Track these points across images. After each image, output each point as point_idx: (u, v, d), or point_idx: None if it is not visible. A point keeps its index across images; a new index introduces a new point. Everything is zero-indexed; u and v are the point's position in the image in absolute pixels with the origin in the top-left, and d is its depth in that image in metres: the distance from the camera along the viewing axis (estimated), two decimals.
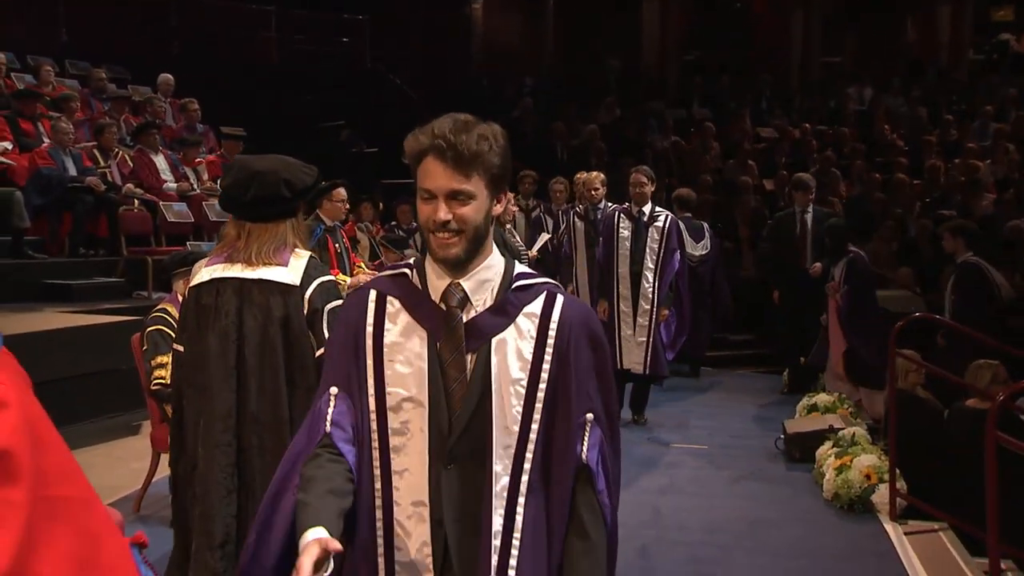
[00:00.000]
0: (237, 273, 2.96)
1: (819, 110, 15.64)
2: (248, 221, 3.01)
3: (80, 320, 7.31)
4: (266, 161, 3.06)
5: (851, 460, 5.55)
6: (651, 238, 7.02)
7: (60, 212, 8.73)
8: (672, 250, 7.05)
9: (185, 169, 9.93)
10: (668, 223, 7.09)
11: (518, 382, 1.90)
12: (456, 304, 1.90)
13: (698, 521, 5.32)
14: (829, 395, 7.33)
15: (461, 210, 1.82)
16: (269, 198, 2.96)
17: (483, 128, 1.83)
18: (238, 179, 3.00)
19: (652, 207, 7.16)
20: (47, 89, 10.38)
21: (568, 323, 1.93)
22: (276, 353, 2.91)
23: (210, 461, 2.88)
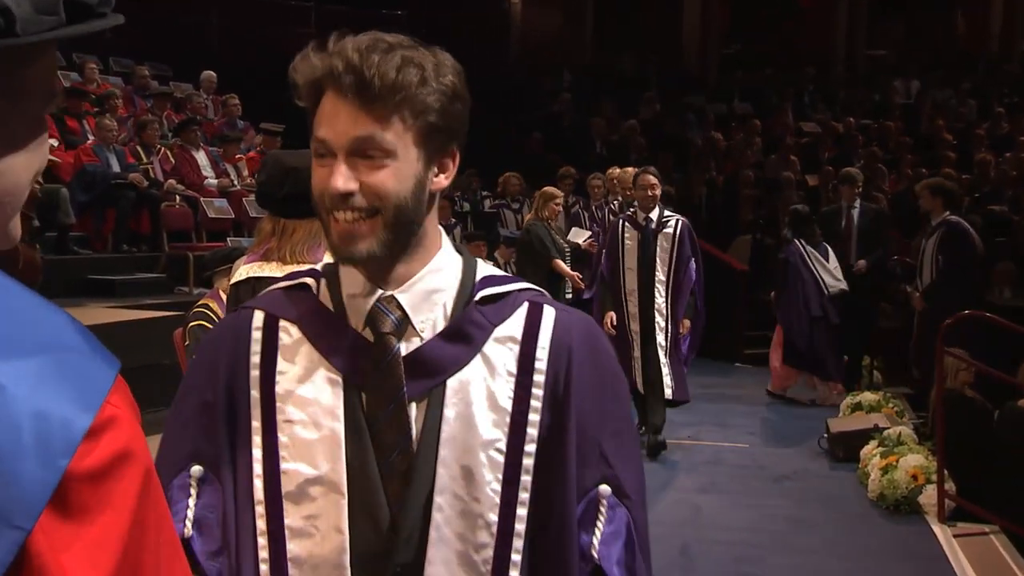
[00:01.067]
0: (272, 272, 2.91)
1: (864, 104, 15.38)
2: (282, 217, 3.01)
3: (122, 315, 7.39)
4: (300, 156, 3.05)
5: (897, 460, 5.45)
6: (660, 247, 6.28)
7: (104, 208, 8.84)
8: (687, 258, 6.31)
9: (226, 165, 10.02)
10: (680, 228, 6.33)
11: (493, 445, 1.22)
12: (390, 329, 1.23)
13: (740, 520, 5.25)
14: (874, 394, 7.22)
15: (374, 176, 1.17)
16: (303, 195, 2.95)
17: (415, 52, 1.18)
18: (272, 175, 2.99)
19: (661, 212, 6.41)
20: (91, 87, 10.53)
21: (565, 347, 1.26)
22: None
23: None
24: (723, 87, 16.45)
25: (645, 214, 6.40)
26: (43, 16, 0.74)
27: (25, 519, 0.61)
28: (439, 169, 1.24)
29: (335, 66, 1.16)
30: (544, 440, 1.23)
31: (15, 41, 0.72)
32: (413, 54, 1.18)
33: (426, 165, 1.21)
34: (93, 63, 10.98)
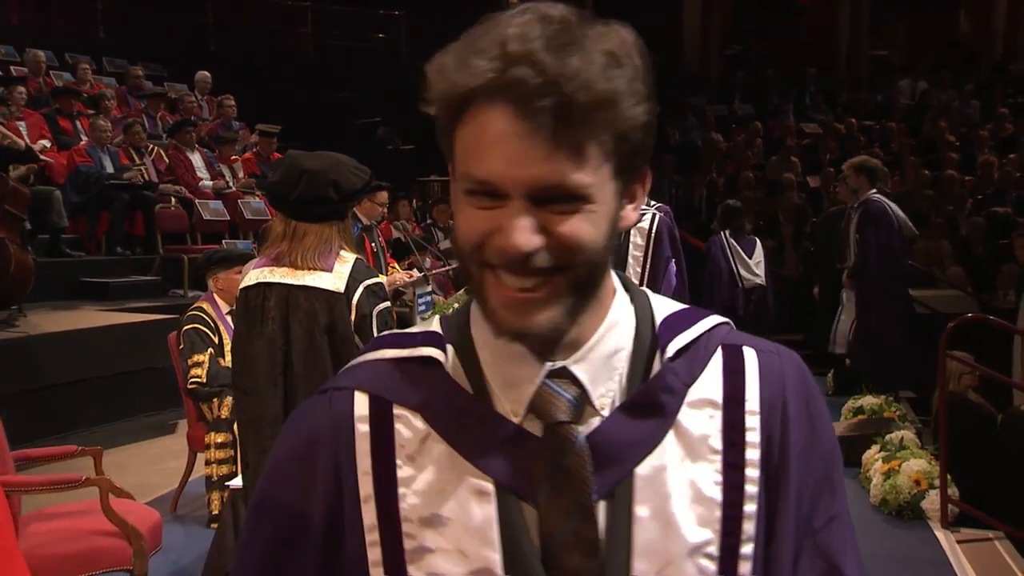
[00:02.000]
0: (282, 278, 2.95)
1: (866, 105, 15.31)
2: (293, 220, 2.97)
3: (116, 319, 7.37)
4: (317, 159, 3.00)
5: (899, 465, 5.38)
6: (633, 244, 5.16)
7: (97, 210, 8.79)
8: (665, 259, 5.16)
9: (220, 166, 9.95)
10: (656, 224, 5.13)
11: (702, 550, 0.91)
12: (567, 416, 0.90)
13: None
14: (876, 398, 7.14)
15: (565, 226, 0.84)
16: (315, 199, 2.92)
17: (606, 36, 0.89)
18: (286, 176, 2.96)
19: None
20: (85, 87, 10.48)
21: (778, 405, 0.95)
22: (323, 359, 2.91)
23: (260, 466, 2.89)
24: (724, 88, 16.39)
25: None
26: None
27: None
28: (629, 199, 0.92)
29: (517, 75, 0.81)
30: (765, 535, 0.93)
31: None
32: (607, 42, 0.87)
33: (620, 199, 0.89)
34: (86, 63, 10.94)
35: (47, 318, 7.08)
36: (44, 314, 7.21)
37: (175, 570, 4.32)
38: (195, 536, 4.69)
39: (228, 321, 5.10)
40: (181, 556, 4.46)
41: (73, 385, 6.55)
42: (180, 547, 4.53)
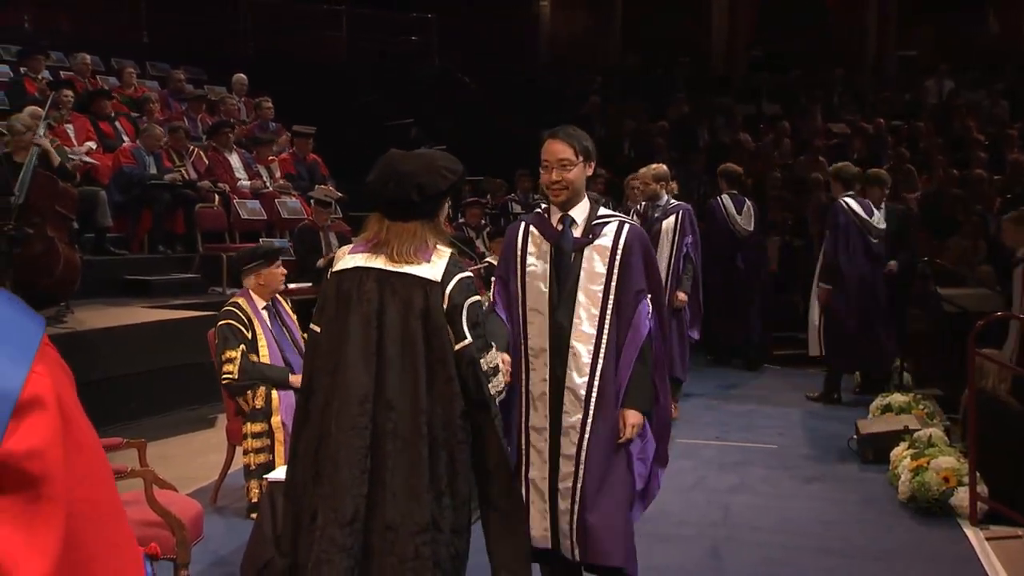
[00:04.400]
0: (380, 265, 3.00)
1: (894, 105, 15.27)
2: (387, 219, 3.05)
3: (158, 315, 7.52)
4: (411, 161, 3.06)
5: (928, 462, 5.42)
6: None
7: (140, 210, 8.98)
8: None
9: (258, 167, 10.13)
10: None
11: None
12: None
13: (770, 521, 5.25)
14: (904, 395, 7.18)
15: None
16: (399, 201, 3.01)
17: None
18: (380, 176, 3.03)
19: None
20: (129, 90, 10.71)
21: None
22: (416, 344, 2.94)
23: (344, 441, 2.91)
24: (751, 88, 16.41)
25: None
26: None
27: None
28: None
29: None
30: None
31: None
32: None
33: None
34: (131, 67, 11.18)
35: (93, 314, 7.24)
36: (90, 311, 7.36)
37: (216, 559, 4.42)
38: (235, 526, 4.79)
39: (263, 316, 5.20)
40: (221, 546, 4.55)
41: (118, 379, 6.70)
42: (221, 537, 4.62)
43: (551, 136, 3.36)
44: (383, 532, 2.90)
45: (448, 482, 2.97)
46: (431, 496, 2.93)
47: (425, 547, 2.90)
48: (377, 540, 2.87)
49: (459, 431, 2.98)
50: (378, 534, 2.87)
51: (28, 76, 9.88)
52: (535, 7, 18.01)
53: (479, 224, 10.20)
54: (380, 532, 2.89)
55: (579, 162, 3.36)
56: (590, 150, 3.40)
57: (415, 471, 2.92)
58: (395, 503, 2.91)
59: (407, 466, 2.92)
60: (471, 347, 2.97)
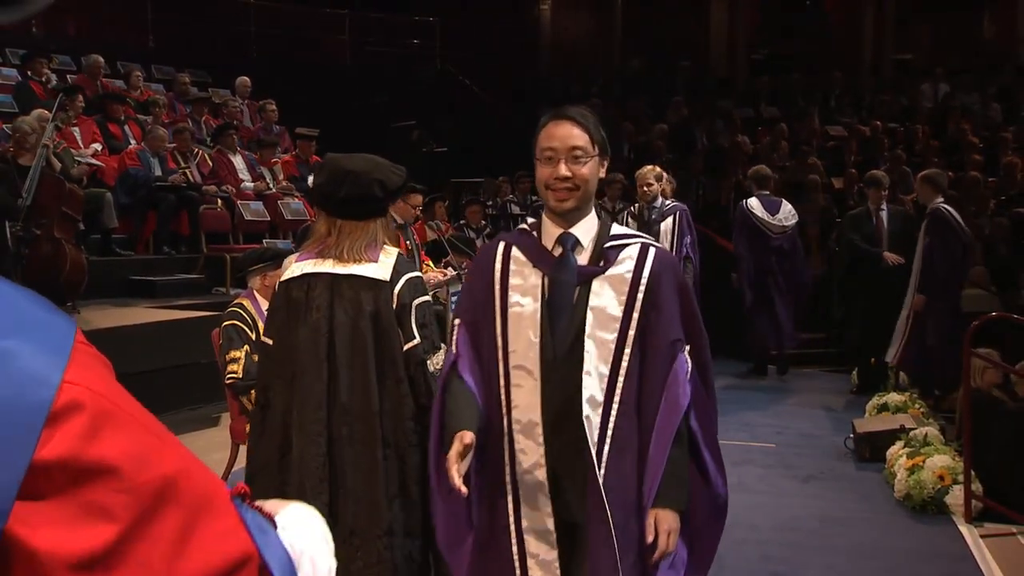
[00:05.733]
0: (328, 269, 3.01)
1: (891, 108, 15.36)
2: (339, 218, 3.07)
3: (162, 315, 7.56)
4: (357, 161, 3.09)
5: (923, 460, 5.49)
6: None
7: (145, 211, 9.04)
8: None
9: (261, 169, 10.20)
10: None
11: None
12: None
13: (768, 519, 5.31)
14: (900, 395, 7.26)
15: None
16: (362, 197, 3.03)
17: None
18: (332, 177, 3.04)
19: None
20: (135, 93, 10.77)
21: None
22: (366, 346, 2.95)
23: (304, 451, 2.94)
24: (750, 91, 16.48)
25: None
26: None
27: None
28: None
29: None
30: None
31: None
32: None
33: None
34: (138, 71, 11.25)
35: (99, 315, 7.29)
36: (96, 311, 7.41)
37: None
38: None
39: None
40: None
41: (123, 379, 6.55)
42: None
43: (558, 117, 2.36)
44: (348, 538, 2.92)
45: (400, 485, 2.98)
46: (387, 500, 2.94)
47: (386, 551, 2.93)
48: (342, 547, 2.86)
49: (410, 433, 2.98)
50: (342, 541, 2.87)
51: (33, 79, 9.94)
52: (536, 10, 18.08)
53: (480, 224, 10.27)
54: (344, 539, 2.89)
55: (595, 154, 2.35)
56: (607, 141, 2.42)
57: (373, 475, 2.93)
58: (356, 509, 2.92)
59: (365, 470, 2.93)
60: (419, 347, 2.98)
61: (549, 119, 2.38)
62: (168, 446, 0.74)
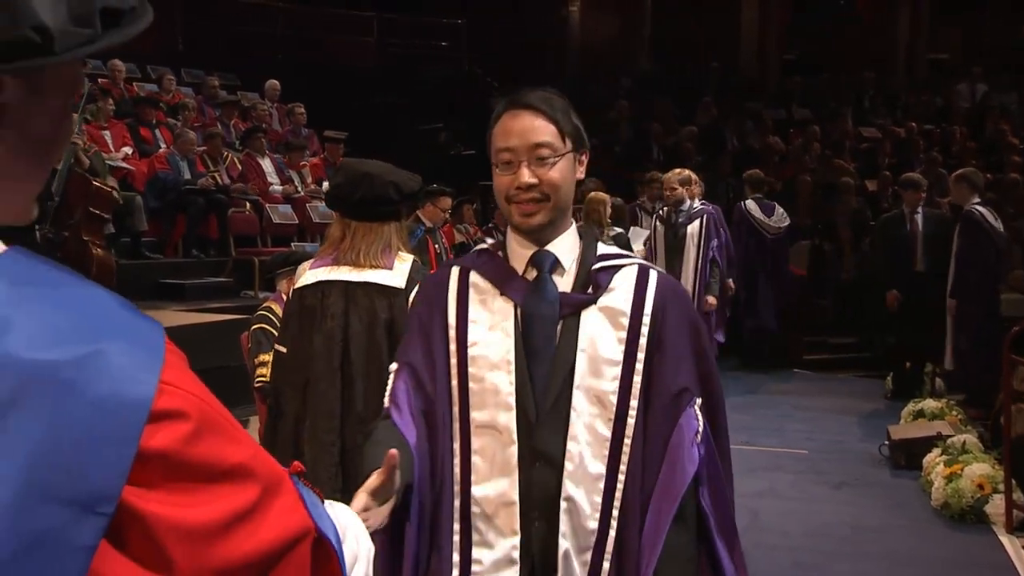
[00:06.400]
0: (343, 276, 2.99)
1: (926, 108, 15.14)
2: (354, 220, 3.05)
3: (191, 319, 7.59)
4: (374, 164, 3.11)
5: (962, 469, 5.38)
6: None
7: (174, 214, 9.11)
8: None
9: (290, 172, 10.24)
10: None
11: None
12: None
13: (800, 526, 5.24)
14: (936, 401, 7.13)
15: None
16: (378, 199, 3.02)
17: None
18: (349, 178, 3.04)
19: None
20: (167, 97, 10.87)
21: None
22: (382, 354, 2.93)
23: (317, 460, 2.92)
24: (781, 92, 16.33)
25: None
26: (80, 28, 0.75)
27: (105, 505, 0.67)
28: None
29: None
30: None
31: (52, 59, 0.73)
32: None
33: None
34: (170, 74, 11.36)
35: None
36: None
37: None
38: None
39: None
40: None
41: None
42: None
43: (513, 106, 1.82)
44: None
45: None
46: None
47: None
48: None
49: None
50: None
51: None
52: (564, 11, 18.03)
53: None
54: None
55: (567, 151, 1.80)
56: (582, 134, 1.86)
57: None
58: None
59: None
60: None
61: (503, 109, 1.83)
62: (242, 431, 0.82)
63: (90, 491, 0.66)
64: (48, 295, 0.71)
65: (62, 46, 0.73)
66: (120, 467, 0.68)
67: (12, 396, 0.65)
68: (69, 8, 0.73)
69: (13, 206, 0.80)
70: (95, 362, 0.68)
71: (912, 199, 8.25)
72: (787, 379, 9.44)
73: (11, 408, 0.65)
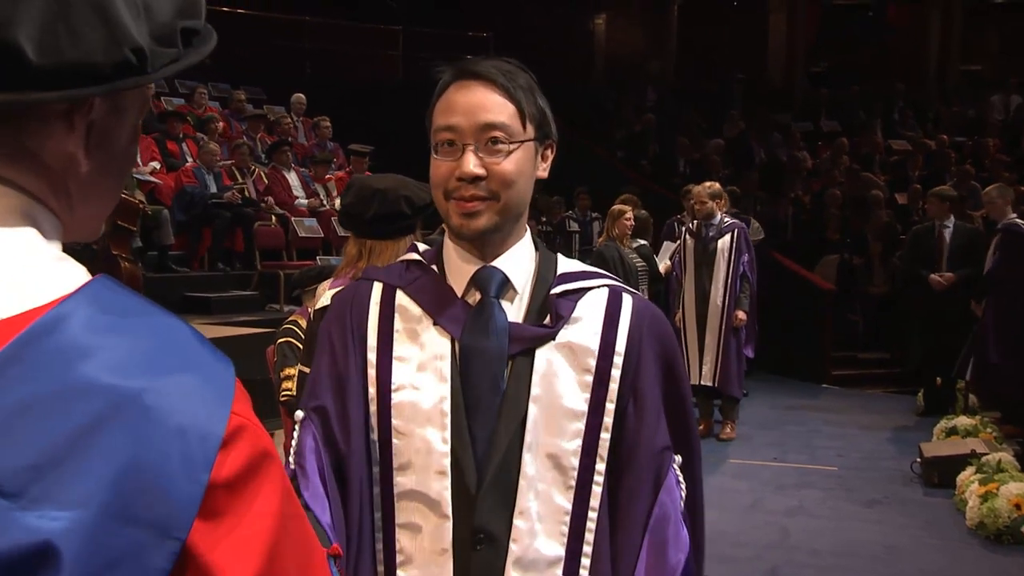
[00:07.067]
0: None
1: (958, 120, 14.95)
2: (369, 239, 3.02)
3: (218, 332, 7.60)
4: (385, 180, 3.10)
5: (997, 488, 5.26)
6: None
7: (200, 228, 9.16)
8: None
9: (316, 185, 10.28)
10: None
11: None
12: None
13: (830, 544, 5.14)
14: (970, 418, 6.99)
15: None
16: (391, 215, 3.01)
17: None
18: (360, 197, 3.01)
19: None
20: (200, 110, 10.96)
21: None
22: None
23: None
24: (809, 105, 16.20)
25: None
26: (164, 49, 0.78)
27: (179, 531, 0.68)
28: None
29: None
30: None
31: (147, 79, 0.76)
32: None
33: None
34: (203, 88, 11.50)
35: None
36: None
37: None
38: None
39: None
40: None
41: None
42: None
43: (462, 76, 1.45)
44: None
45: None
46: None
47: None
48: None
49: None
50: None
51: None
52: (591, 24, 18.03)
53: None
54: None
55: (527, 138, 1.43)
56: (549, 120, 1.49)
57: None
58: None
59: None
60: None
61: (450, 79, 1.45)
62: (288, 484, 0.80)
63: (167, 515, 0.68)
64: (132, 324, 0.72)
65: (153, 65, 0.77)
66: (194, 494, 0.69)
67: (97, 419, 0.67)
68: (151, 28, 0.76)
69: (94, 223, 0.83)
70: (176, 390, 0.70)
71: (937, 211, 8.15)
72: (816, 395, 9.32)
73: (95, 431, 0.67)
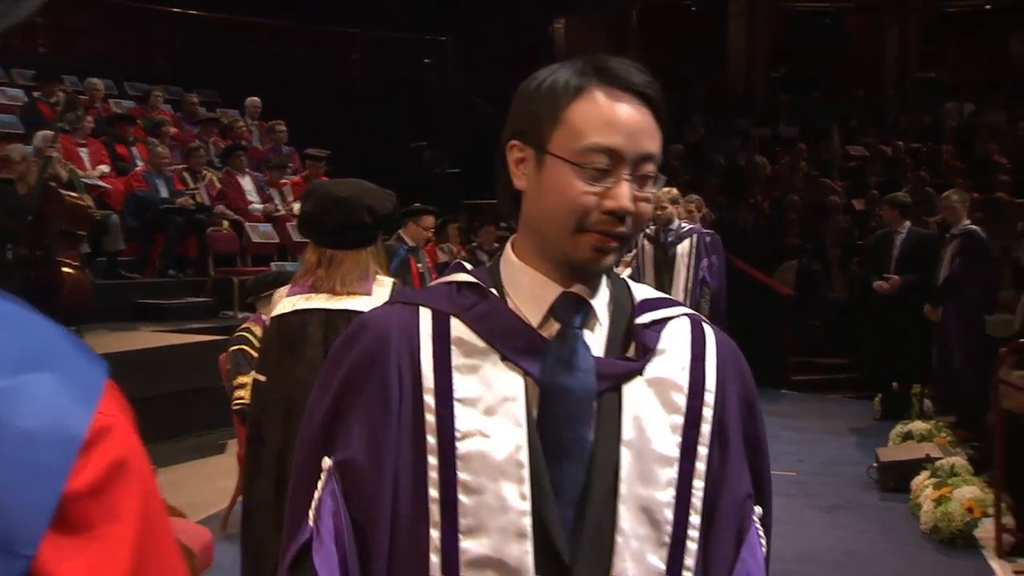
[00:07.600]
0: (321, 304, 2.92)
1: (914, 127, 15.15)
2: (329, 248, 2.97)
3: (170, 339, 7.49)
4: (346, 187, 3.01)
5: (951, 491, 5.29)
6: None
7: (152, 233, 8.99)
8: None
9: (271, 190, 10.13)
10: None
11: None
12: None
13: (791, 550, 5.11)
14: (925, 423, 7.05)
15: None
16: (352, 225, 2.93)
17: None
18: (320, 205, 2.95)
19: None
20: (154, 113, 10.77)
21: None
22: None
23: None
24: (769, 110, 16.33)
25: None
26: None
27: (27, 547, 0.62)
28: None
29: None
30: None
31: None
32: None
33: None
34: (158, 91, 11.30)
35: (105, 339, 7.19)
36: (102, 335, 7.30)
37: None
38: None
39: None
40: (232, 574, 4.52)
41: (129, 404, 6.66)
42: (231, 565, 4.51)
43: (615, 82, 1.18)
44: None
45: None
46: None
47: None
48: None
49: None
50: None
51: (42, 100, 9.93)
52: (551, 28, 18.03)
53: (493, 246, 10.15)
54: None
55: None
56: None
57: None
58: None
59: None
60: None
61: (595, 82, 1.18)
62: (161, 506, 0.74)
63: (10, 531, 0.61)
64: None
65: None
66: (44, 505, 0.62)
67: None
68: None
69: None
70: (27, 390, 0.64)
71: (890, 217, 8.25)
72: (776, 400, 9.34)
73: None
